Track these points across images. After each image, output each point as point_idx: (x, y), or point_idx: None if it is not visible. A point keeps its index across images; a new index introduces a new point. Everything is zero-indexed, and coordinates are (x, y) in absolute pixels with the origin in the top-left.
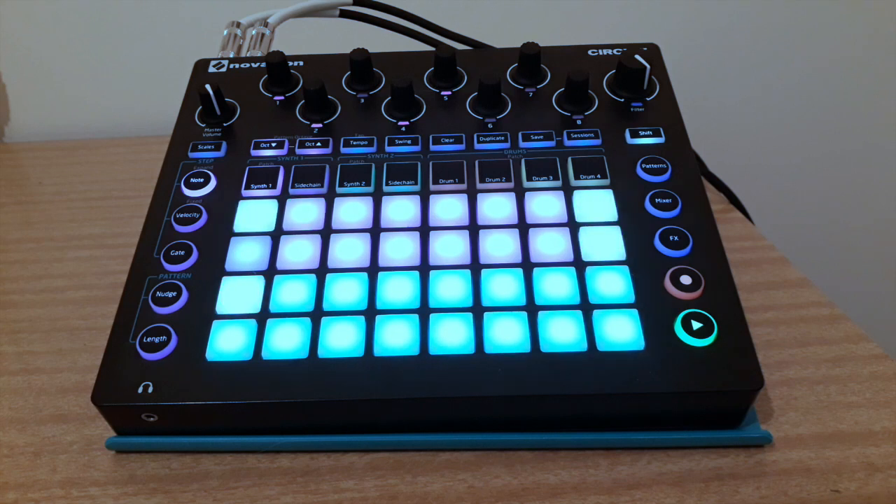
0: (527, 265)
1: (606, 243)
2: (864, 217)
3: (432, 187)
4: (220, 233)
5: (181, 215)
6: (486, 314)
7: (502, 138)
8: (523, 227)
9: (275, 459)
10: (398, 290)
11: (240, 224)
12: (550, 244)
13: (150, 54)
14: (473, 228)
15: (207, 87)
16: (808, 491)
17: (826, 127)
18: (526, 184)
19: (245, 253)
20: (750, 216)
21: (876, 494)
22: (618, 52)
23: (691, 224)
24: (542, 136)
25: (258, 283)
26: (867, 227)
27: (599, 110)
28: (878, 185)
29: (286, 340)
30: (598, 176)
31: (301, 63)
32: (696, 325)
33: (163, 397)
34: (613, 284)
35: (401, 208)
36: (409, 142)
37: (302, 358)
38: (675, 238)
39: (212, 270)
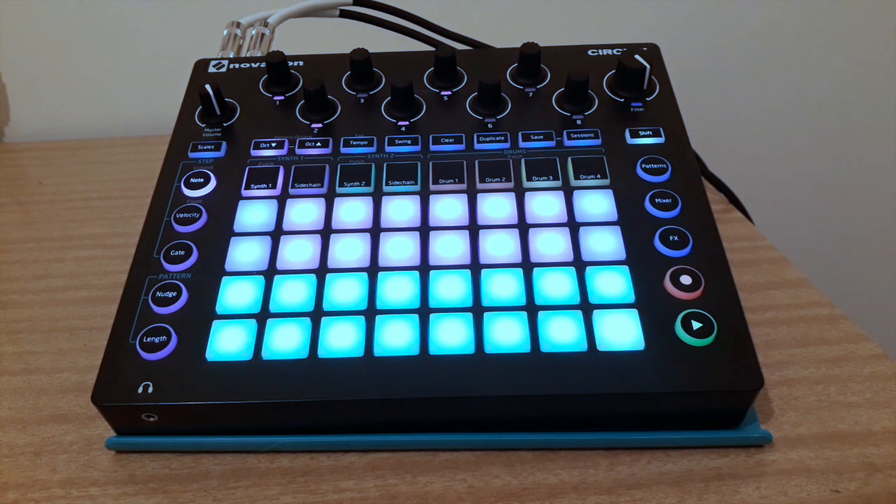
0: (527, 265)
1: (606, 243)
2: (864, 217)
3: (432, 187)
4: (220, 233)
5: (181, 215)
6: (486, 314)
7: (502, 138)
8: (523, 227)
9: (275, 459)
10: (398, 290)
11: (240, 224)
12: (550, 244)
13: (150, 54)
14: (473, 228)
15: (207, 87)
16: (808, 491)
17: (826, 127)
18: (526, 184)
19: (245, 253)
20: (750, 216)
21: (876, 494)
22: (618, 52)
23: (691, 224)
24: (542, 136)
25: (258, 283)
26: (867, 227)
27: (599, 110)
28: (878, 185)
29: (286, 340)
30: (598, 176)
31: (301, 63)
32: (696, 325)
33: (163, 397)
34: (613, 284)
35: (401, 208)
36: (409, 142)
37: (302, 358)
38: (675, 238)
39: (212, 270)
